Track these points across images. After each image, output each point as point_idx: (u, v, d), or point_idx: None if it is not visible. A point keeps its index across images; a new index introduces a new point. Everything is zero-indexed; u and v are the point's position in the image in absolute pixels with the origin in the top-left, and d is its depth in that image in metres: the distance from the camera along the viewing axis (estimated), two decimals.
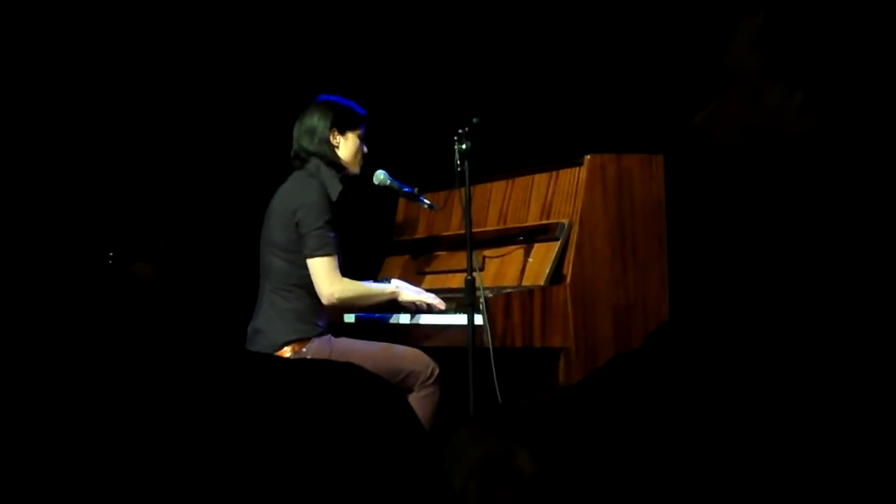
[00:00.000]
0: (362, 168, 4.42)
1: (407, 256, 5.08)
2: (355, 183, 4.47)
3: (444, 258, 4.85)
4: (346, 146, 4.35)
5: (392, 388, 1.20)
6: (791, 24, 1.58)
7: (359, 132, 4.37)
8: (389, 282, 4.48)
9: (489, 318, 4.06)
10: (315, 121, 4.32)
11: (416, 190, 4.60)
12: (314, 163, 4.31)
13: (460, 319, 4.15)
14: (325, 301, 4.19)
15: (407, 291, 4.37)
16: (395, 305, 4.43)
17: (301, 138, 4.34)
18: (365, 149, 4.40)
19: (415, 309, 4.40)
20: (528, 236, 4.43)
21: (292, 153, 4.38)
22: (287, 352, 4.15)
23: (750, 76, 1.61)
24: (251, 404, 1.15)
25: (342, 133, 4.34)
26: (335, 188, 4.28)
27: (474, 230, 4.22)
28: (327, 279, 4.17)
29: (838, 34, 1.56)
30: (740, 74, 1.63)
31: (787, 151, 1.59)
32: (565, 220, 4.31)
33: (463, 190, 4.13)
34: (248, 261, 4.47)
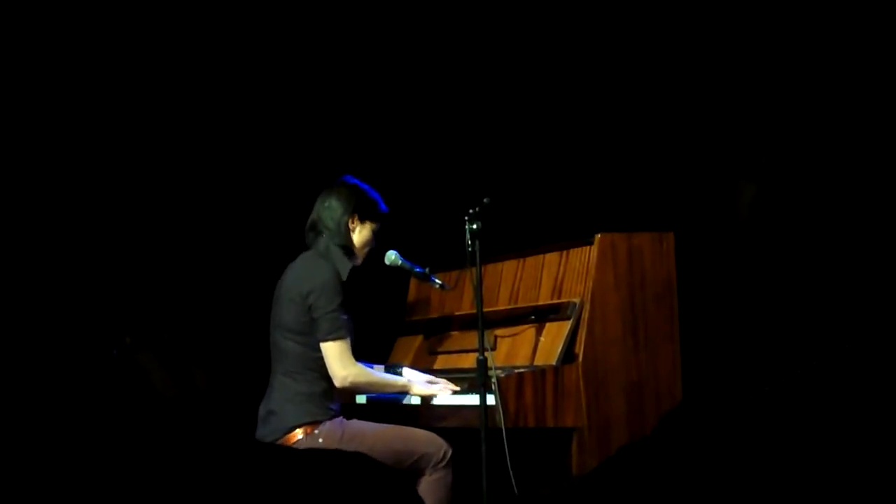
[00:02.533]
0: (371, 252, 4.44)
1: (419, 336, 5.08)
2: (367, 263, 4.48)
3: (456, 338, 4.84)
4: (361, 234, 4.37)
5: (401, 477, 1.20)
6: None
7: (375, 226, 4.40)
8: (401, 371, 4.48)
9: (501, 398, 4.04)
10: (339, 200, 4.35)
11: (427, 270, 4.61)
12: (325, 241, 4.32)
13: (472, 400, 4.13)
14: (337, 384, 4.19)
15: (418, 385, 4.37)
16: (404, 392, 4.42)
17: (322, 212, 4.36)
18: (374, 243, 4.42)
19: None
20: (540, 315, 4.43)
21: (308, 223, 4.39)
22: (299, 434, 4.12)
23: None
24: (260, 499, 1.15)
25: (361, 221, 4.37)
26: (345, 268, 4.29)
27: (486, 309, 4.22)
28: (340, 363, 4.17)
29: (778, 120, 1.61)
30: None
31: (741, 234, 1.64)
32: (577, 300, 4.31)
33: (474, 270, 4.14)
34: (258, 343, 4.46)
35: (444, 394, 4.34)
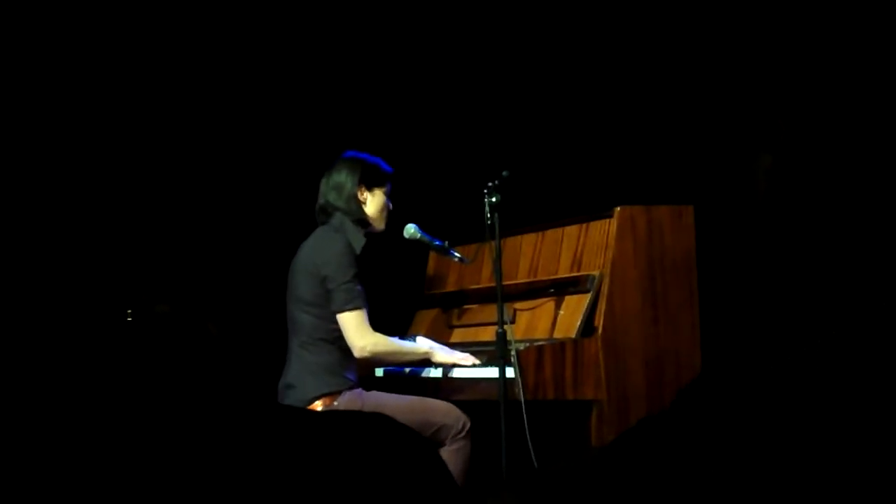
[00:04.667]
0: (389, 224, 4.44)
1: (438, 310, 5.09)
2: (386, 236, 4.48)
3: (475, 311, 4.84)
4: (373, 202, 4.36)
5: (423, 440, 1.20)
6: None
7: (385, 189, 4.39)
8: (416, 340, 4.47)
9: (521, 371, 4.04)
10: (343, 177, 4.34)
11: (446, 243, 4.61)
12: (339, 218, 4.32)
13: (492, 372, 4.14)
14: (357, 354, 4.19)
15: (439, 353, 4.37)
16: (425, 360, 4.42)
17: (328, 193, 4.36)
18: (390, 205, 4.42)
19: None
20: (559, 288, 4.43)
21: (317, 207, 4.39)
22: (318, 406, 4.14)
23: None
24: (282, 457, 1.15)
25: (370, 189, 4.36)
26: (359, 242, 4.29)
27: (505, 283, 4.21)
28: (358, 333, 4.17)
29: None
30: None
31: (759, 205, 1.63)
32: (596, 272, 4.31)
33: (493, 243, 4.14)
34: (275, 317, 4.47)
35: (464, 362, 4.34)
